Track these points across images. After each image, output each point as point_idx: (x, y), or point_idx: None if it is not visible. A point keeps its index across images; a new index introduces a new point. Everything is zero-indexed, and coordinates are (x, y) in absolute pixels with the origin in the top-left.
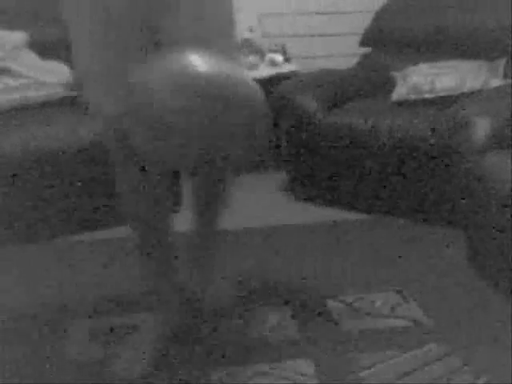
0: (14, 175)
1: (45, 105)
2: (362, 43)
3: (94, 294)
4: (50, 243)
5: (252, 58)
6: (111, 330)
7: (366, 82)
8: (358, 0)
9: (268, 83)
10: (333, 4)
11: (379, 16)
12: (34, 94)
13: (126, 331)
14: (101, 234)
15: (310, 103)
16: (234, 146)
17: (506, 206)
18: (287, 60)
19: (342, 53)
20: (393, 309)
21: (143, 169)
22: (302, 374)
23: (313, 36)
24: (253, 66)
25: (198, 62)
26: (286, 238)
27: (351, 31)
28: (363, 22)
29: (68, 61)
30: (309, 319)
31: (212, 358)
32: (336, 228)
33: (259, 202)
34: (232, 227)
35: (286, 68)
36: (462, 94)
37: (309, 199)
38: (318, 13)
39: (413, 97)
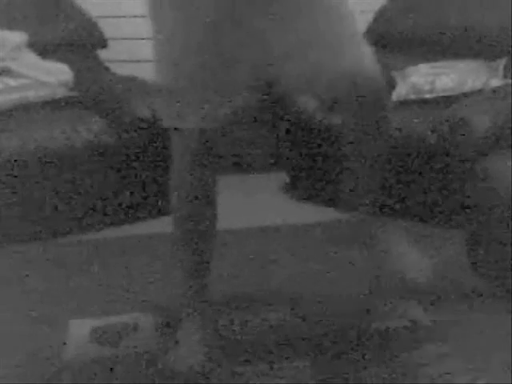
0: (14, 175)
1: (45, 105)
2: None
3: (94, 293)
4: (50, 243)
5: None
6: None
7: None
8: (358, 0)
9: None
10: None
11: (379, 16)
12: (34, 94)
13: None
14: (101, 234)
15: (309, 103)
16: None
17: (506, 206)
18: None
19: None
20: (393, 309)
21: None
22: (301, 374)
23: None
24: None
25: None
26: (286, 238)
27: None
28: (363, 22)
29: (68, 61)
30: (309, 320)
31: (212, 358)
32: (336, 228)
33: (259, 202)
34: (232, 227)
35: None
36: (462, 94)
37: (309, 199)
38: None
39: (413, 97)
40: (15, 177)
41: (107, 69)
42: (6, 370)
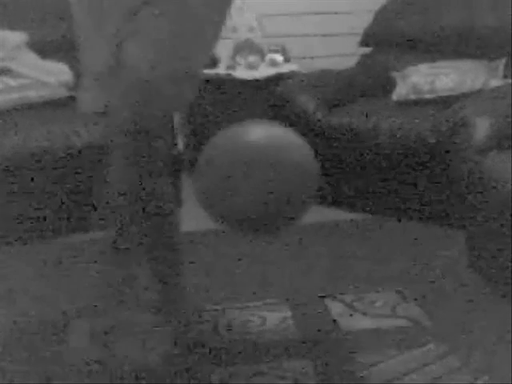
0: (14, 175)
1: (45, 105)
2: (362, 43)
3: (94, 293)
4: (50, 243)
5: (252, 58)
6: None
7: (366, 82)
8: (358, 0)
9: (268, 83)
10: (332, 4)
11: (379, 16)
12: (34, 94)
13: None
14: (100, 234)
15: (309, 103)
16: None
17: (505, 206)
18: (287, 60)
19: (342, 53)
20: (393, 309)
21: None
22: (301, 374)
23: (313, 36)
24: (253, 66)
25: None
26: (286, 238)
27: (351, 31)
28: (363, 22)
29: (68, 61)
30: (309, 320)
31: (212, 358)
32: (336, 228)
33: None
34: None
35: (286, 68)
36: (462, 94)
37: None
38: (317, 13)
39: (413, 97)
40: (15, 177)
41: None
42: (6, 369)
